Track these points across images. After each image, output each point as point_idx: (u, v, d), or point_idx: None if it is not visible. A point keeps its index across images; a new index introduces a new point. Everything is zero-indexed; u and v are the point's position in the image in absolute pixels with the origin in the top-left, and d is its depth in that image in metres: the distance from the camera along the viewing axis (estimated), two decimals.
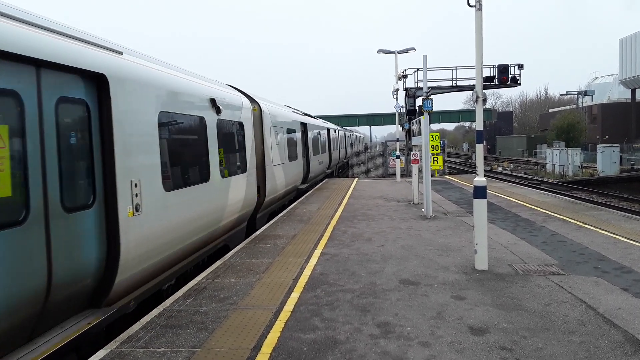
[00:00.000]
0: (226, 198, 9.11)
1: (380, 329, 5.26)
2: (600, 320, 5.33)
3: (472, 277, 7.07)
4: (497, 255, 8.21)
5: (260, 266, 7.94)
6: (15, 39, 4.16)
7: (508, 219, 11.71)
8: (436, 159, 16.81)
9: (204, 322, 5.56)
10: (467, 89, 27.20)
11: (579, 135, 53.31)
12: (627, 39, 53.30)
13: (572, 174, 34.02)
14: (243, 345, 4.92)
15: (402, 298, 6.22)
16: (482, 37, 7.44)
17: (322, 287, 6.74)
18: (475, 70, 7.60)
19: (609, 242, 9.00)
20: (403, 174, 25.15)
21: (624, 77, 54.37)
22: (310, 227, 11.39)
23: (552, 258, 7.99)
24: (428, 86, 13.42)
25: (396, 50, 24.83)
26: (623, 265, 7.39)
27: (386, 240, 9.72)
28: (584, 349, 4.65)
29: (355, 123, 76.87)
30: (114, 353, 4.79)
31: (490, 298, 6.14)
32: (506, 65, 25.33)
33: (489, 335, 5.02)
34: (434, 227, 11.02)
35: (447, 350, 4.70)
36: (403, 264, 7.89)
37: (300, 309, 5.93)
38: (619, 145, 36.27)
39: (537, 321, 5.35)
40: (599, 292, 6.23)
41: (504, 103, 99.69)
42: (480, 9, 7.37)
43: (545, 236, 9.66)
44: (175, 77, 7.56)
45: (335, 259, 8.33)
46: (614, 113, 58.45)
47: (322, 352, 4.73)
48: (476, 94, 7.51)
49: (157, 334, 5.23)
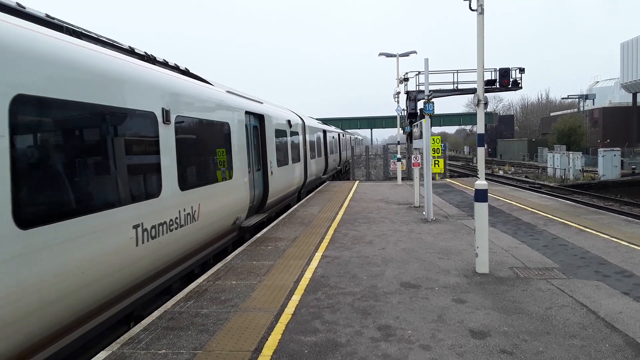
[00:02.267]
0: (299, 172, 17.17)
1: (381, 332, 5.27)
2: (601, 324, 5.33)
3: (473, 280, 7.07)
4: (498, 259, 8.21)
5: (262, 268, 7.94)
6: (249, 106, 10.93)
7: (509, 223, 11.71)
8: (437, 162, 16.84)
9: (205, 324, 5.57)
10: (469, 92, 27.20)
11: (580, 139, 53.32)
12: (628, 43, 53.36)
13: (573, 178, 34.01)
14: (244, 347, 4.92)
15: (403, 301, 6.23)
16: (484, 41, 7.46)
17: (323, 290, 6.75)
18: (477, 73, 7.61)
19: (610, 246, 8.99)
20: (404, 177, 25.15)
21: (625, 81, 54.42)
22: (312, 230, 11.40)
23: (553, 262, 7.99)
24: (429, 89, 13.43)
25: (397, 54, 24.84)
26: (624, 269, 7.39)
27: (387, 243, 9.72)
28: (584, 352, 4.65)
29: (356, 126, 76.95)
30: (115, 355, 4.80)
31: (491, 301, 6.14)
32: (507, 69, 25.28)
33: (490, 338, 5.02)
34: (435, 230, 11.02)
35: (447, 353, 4.71)
36: (404, 267, 7.89)
37: (302, 311, 5.93)
38: (620, 149, 36.25)
39: (538, 325, 5.35)
40: (600, 296, 6.23)
41: (505, 106, 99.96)
42: (481, 12, 7.39)
43: (546, 240, 9.66)
44: (278, 110, 15.07)
45: (336, 261, 8.33)
46: (615, 117, 58.45)
47: (323, 354, 4.73)
48: (477, 98, 7.54)
49: (158, 336, 5.24)
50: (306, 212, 14.33)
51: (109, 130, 5.58)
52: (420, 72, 25.99)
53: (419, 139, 13.94)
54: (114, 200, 5.46)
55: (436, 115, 17.50)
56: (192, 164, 7.79)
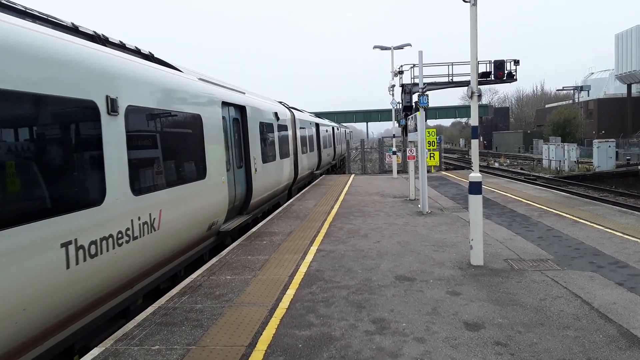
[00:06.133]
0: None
1: (376, 325, 5.26)
2: (595, 315, 5.34)
3: (468, 272, 7.07)
4: (493, 251, 8.22)
5: (256, 263, 7.92)
6: (227, 96, 10.09)
7: (504, 215, 11.72)
8: (432, 155, 16.83)
9: (199, 319, 5.55)
10: (463, 84, 27.15)
11: (575, 130, 53.42)
12: (622, 34, 53.34)
13: (568, 169, 34.10)
14: (238, 342, 4.91)
15: (398, 294, 6.22)
16: (477, 32, 7.42)
17: (317, 284, 6.73)
18: (470, 65, 7.58)
19: (604, 237, 9.02)
20: (400, 170, 25.15)
21: (619, 73, 54.44)
22: (307, 224, 11.38)
23: (547, 253, 8.00)
24: (424, 82, 13.38)
25: (392, 46, 24.79)
26: (618, 260, 7.41)
27: (382, 237, 9.71)
28: (578, 343, 4.66)
29: (352, 119, 76.97)
30: (109, 351, 4.77)
31: (485, 293, 6.14)
32: (502, 61, 25.29)
33: (484, 330, 5.02)
34: (430, 223, 11.02)
35: (442, 345, 4.70)
36: (399, 260, 7.89)
37: (296, 305, 5.92)
38: (615, 140, 36.37)
39: (532, 316, 5.36)
40: (594, 287, 6.25)
41: (501, 99, 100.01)
42: (475, 4, 7.35)
43: (541, 231, 9.68)
44: (263, 102, 13.86)
45: (331, 255, 8.32)
46: (610, 108, 58.53)
47: (318, 348, 4.72)
48: (471, 90, 7.51)
49: (151, 332, 5.22)
50: (302, 206, 14.30)
51: (22, 123, 4.51)
52: (415, 64, 25.91)
53: (414, 132, 13.91)
54: (28, 213, 4.29)
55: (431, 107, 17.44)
56: (150, 163, 6.66)
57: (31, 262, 4.27)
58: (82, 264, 4.92)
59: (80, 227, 4.91)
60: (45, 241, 4.44)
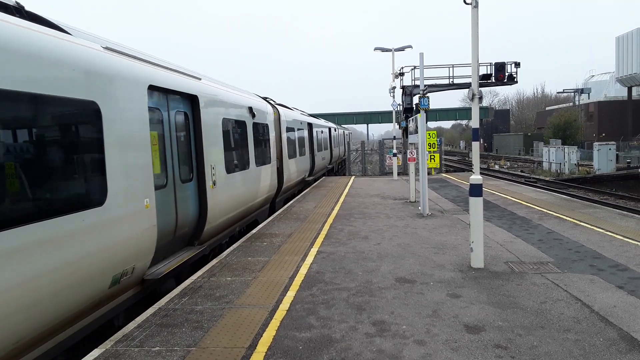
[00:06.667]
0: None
1: (376, 327, 5.26)
2: (596, 318, 5.34)
3: (468, 275, 7.07)
4: (493, 253, 8.22)
5: (257, 265, 7.92)
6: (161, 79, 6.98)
7: (504, 217, 11.72)
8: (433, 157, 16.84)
9: (199, 321, 5.55)
10: (464, 86, 27.17)
11: (575, 133, 53.44)
12: (623, 37, 53.38)
13: (569, 172, 34.09)
14: (238, 344, 4.91)
15: (398, 296, 6.22)
16: (479, 35, 7.43)
17: (318, 286, 6.73)
18: (471, 68, 7.58)
19: (604, 240, 9.01)
20: (400, 172, 25.16)
21: (620, 75, 54.47)
22: (307, 226, 11.38)
23: (548, 256, 8.00)
24: (425, 84, 13.39)
25: (393, 48, 24.81)
26: (618, 263, 7.41)
27: (382, 239, 9.71)
28: (579, 347, 4.66)
29: (352, 121, 76.96)
30: (109, 352, 4.77)
31: (486, 296, 6.14)
32: (503, 63, 25.31)
33: (485, 333, 5.02)
34: (430, 225, 11.02)
35: (442, 348, 4.70)
36: (399, 262, 7.89)
37: (296, 307, 5.92)
38: (615, 143, 36.36)
39: (533, 319, 5.36)
40: (595, 290, 6.24)
41: (501, 101, 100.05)
42: (476, 6, 7.36)
43: (541, 234, 9.68)
44: (231, 93, 10.42)
45: (331, 257, 8.32)
46: (610, 111, 58.57)
47: (318, 350, 4.72)
48: (472, 92, 7.52)
49: (152, 333, 5.22)
50: (302, 208, 14.31)
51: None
52: (416, 66, 25.93)
53: (414, 134, 13.92)
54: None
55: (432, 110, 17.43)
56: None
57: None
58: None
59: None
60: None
